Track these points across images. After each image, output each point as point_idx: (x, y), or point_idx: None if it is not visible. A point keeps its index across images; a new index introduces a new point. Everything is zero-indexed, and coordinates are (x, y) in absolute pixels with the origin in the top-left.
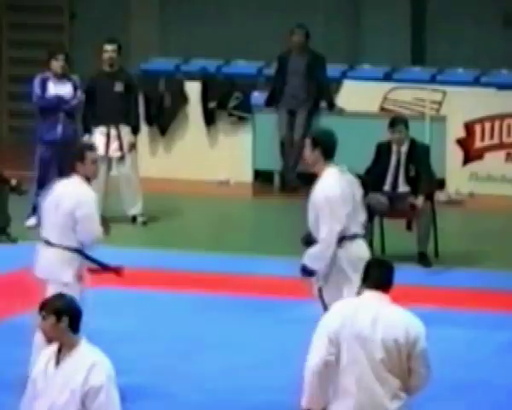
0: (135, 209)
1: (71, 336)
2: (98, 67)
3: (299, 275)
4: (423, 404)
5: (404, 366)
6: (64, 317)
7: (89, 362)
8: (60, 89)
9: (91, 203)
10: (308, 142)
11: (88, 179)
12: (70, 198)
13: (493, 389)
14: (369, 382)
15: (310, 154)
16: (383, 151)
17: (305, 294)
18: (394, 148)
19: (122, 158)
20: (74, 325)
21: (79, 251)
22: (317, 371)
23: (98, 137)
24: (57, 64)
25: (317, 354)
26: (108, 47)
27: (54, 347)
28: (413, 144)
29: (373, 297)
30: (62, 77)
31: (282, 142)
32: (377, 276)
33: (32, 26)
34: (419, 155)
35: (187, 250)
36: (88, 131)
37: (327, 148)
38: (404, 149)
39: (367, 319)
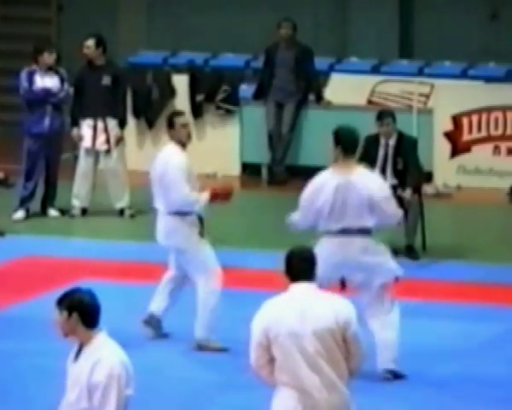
0: (122, 202)
1: (84, 331)
2: (87, 59)
3: None
4: (409, 395)
5: (341, 350)
6: (74, 313)
7: (95, 358)
8: (47, 82)
9: (175, 170)
10: (331, 138)
11: (183, 144)
12: (160, 164)
13: (479, 381)
14: (305, 375)
15: (333, 150)
16: (371, 144)
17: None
18: (382, 141)
19: (109, 151)
20: (87, 320)
21: (184, 213)
22: (258, 370)
23: (85, 130)
24: (51, 58)
25: (253, 355)
26: (88, 43)
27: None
28: (401, 137)
29: (299, 290)
30: (49, 70)
31: (269, 134)
32: (300, 267)
33: (19, 19)
34: (407, 147)
35: None
36: (76, 123)
37: (347, 145)
38: (392, 141)
39: (295, 314)
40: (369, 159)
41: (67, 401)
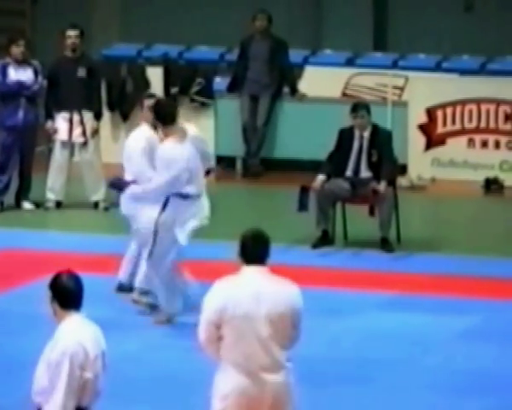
0: (98, 195)
1: (60, 312)
2: (60, 52)
3: None
4: (385, 388)
5: (289, 334)
6: (50, 291)
7: (56, 337)
8: (20, 74)
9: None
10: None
11: (154, 126)
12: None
13: (452, 373)
14: (256, 358)
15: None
16: (345, 137)
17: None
18: (356, 133)
19: (85, 144)
20: (62, 301)
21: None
22: (206, 346)
23: (61, 122)
24: (17, 50)
25: (202, 331)
26: (71, 33)
27: None
28: (375, 130)
29: (253, 273)
30: (23, 62)
31: (244, 127)
32: (254, 250)
33: None
34: (381, 140)
35: None
36: (50, 116)
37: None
38: (367, 134)
39: (250, 297)
40: (343, 151)
41: (35, 379)
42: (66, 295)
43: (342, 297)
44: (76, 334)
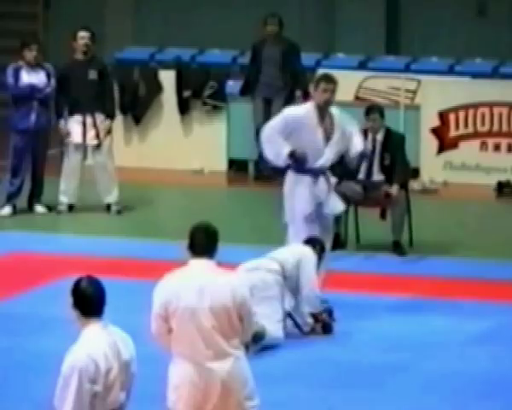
0: (110, 197)
1: (82, 319)
2: (71, 55)
3: None
4: (396, 392)
5: (235, 325)
6: (71, 298)
7: (71, 348)
8: (33, 78)
9: None
10: None
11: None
12: None
13: (467, 377)
14: (201, 348)
15: None
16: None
17: None
18: (369, 136)
19: (99, 146)
20: (81, 307)
21: None
22: (157, 338)
23: (74, 125)
24: (30, 54)
25: (153, 324)
26: (84, 34)
27: None
28: (388, 133)
29: (199, 265)
30: (36, 66)
31: (257, 130)
32: (202, 243)
33: (5, 15)
34: (394, 143)
35: (161, 239)
36: (61, 117)
37: None
38: (380, 137)
39: (194, 289)
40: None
41: (57, 383)
42: (86, 302)
43: (354, 301)
44: (88, 346)
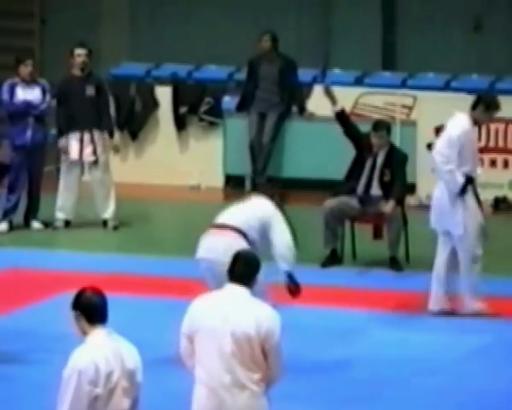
0: (107, 213)
1: (88, 327)
2: (68, 71)
3: None
4: (393, 408)
5: (258, 358)
6: (77, 310)
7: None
8: (28, 94)
9: None
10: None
11: None
12: None
13: (460, 393)
14: (218, 374)
15: None
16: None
17: (281, 298)
18: (373, 150)
19: (96, 162)
20: (88, 316)
21: None
22: (184, 359)
23: (72, 142)
24: (25, 70)
25: (181, 344)
26: (81, 51)
27: None
28: (391, 150)
29: (232, 291)
30: (31, 82)
31: (251, 144)
32: (241, 271)
33: (1, 31)
34: (396, 161)
35: (157, 255)
36: (62, 134)
37: None
38: (382, 152)
39: (219, 313)
40: (358, 169)
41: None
42: (93, 309)
43: (351, 316)
44: (90, 350)
